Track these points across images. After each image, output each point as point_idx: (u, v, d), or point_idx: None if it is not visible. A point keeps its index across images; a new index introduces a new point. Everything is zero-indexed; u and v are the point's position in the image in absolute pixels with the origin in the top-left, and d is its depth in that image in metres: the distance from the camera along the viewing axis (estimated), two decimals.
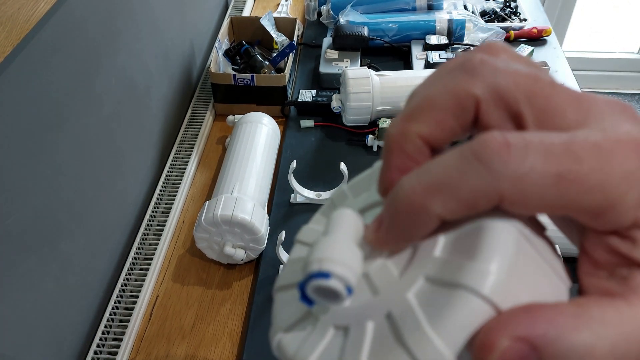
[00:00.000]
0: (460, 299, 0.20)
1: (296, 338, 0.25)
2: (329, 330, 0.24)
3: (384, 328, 0.22)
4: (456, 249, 0.22)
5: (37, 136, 0.61)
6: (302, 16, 1.45)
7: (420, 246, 0.23)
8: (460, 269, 0.21)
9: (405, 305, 0.22)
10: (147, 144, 0.95)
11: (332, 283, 0.22)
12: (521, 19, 1.33)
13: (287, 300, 0.28)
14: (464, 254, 0.21)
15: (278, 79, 1.06)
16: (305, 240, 0.30)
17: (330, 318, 0.24)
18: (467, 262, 0.21)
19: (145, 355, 0.73)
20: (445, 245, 0.22)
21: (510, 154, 0.18)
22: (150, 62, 0.94)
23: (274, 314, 0.28)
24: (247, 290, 0.81)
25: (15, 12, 0.55)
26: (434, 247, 0.23)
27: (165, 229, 0.88)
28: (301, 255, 0.30)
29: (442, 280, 0.21)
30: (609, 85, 2.46)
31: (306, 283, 0.22)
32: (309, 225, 0.31)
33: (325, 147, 1.03)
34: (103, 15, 0.76)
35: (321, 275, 0.22)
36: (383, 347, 0.22)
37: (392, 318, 0.22)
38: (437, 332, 0.20)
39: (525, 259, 0.21)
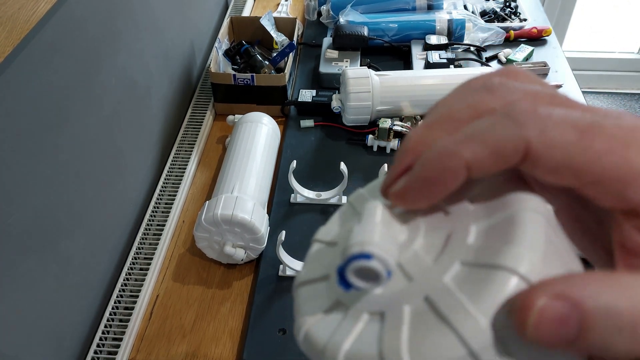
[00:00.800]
0: (500, 278, 0.21)
1: (327, 326, 0.26)
2: (362, 317, 0.25)
3: (423, 310, 0.23)
4: (489, 237, 0.24)
5: (38, 136, 0.62)
6: (302, 16, 1.45)
7: (451, 237, 0.25)
8: (498, 253, 0.22)
9: (443, 288, 0.23)
10: (147, 144, 0.95)
11: (374, 264, 0.23)
12: (521, 19, 1.33)
13: (310, 295, 0.28)
14: (499, 240, 0.23)
15: (278, 78, 1.06)
16: (324, 239, 0.31)
17: (362, 305, 0.25)
18: (504, 246, 0.22)
19: (145, 355, 0.73)
20: (478, 235, 0.24)
21: (537, 110, 0.20)
22: (150, 62, 0.94)
23: (297, 308, 0.28)
24: (247, 290, 0.81)
25: (15, 12, 0.55)
26: (467, 236, 0.24)
27: (166, 228, 0.88)
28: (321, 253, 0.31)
29: (480, 263, 0.23)
30: (609, 85, 2.46)
31: (346, 266, 0.23)
32: (326, 226, 0.32)
33: (325, 147, 1.03)
34: (103, 15, 0.76)
35: (363, 256, 0.23)
36: (424, 327, 0.22)
37: (430, 301, 0.23)
38: (479, 310, 0.21)
39: (552, 246, 0.23)
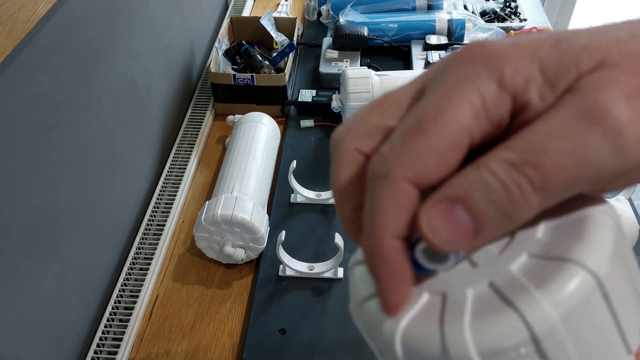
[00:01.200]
0: (569, 270, 0.22)
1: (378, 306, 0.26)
2: (422, 296, 0.25)
3: (487, 294, 0.23)
4: (560, 233, 0.24)
5: (37, 136, 0.62)
6: (302, 16, 1.45)
7: (518, 232, 0.25)
8: (568, 246, 0.23)
9: (509, 276, 0.23)
10: (147, 144, 0.95)
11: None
12: (521, 19, 1.33)
13: (367, 274, 0.28)
14: (569, 236, 0.24)
15: (278, 78, 1.06)
16: None
17: (423, 286, 0.25)
18: (574, 241, 0.23)
19: (145, 355, 0.73)
20: (547, 230, 0.24)
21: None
22: (150, 62, 0.94)
23: (352, 287, 0.29)
24: (247, 290, 0.81)
25: (15, 12, 0.55)
26: (536, 231, 0.25)
27: (165, 228, 0.88)
28: None
29: (548, 256, 0.23)
30: None
31: (416, 245, 0.24)
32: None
33: (325, 147, 1.03)
34: (103, 15, 0.76)
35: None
36: (488, 309, 0.23)
37: (495, 286, 0.23)
38: (545, 297, 0.22)
39: (620, 247, 0.24)
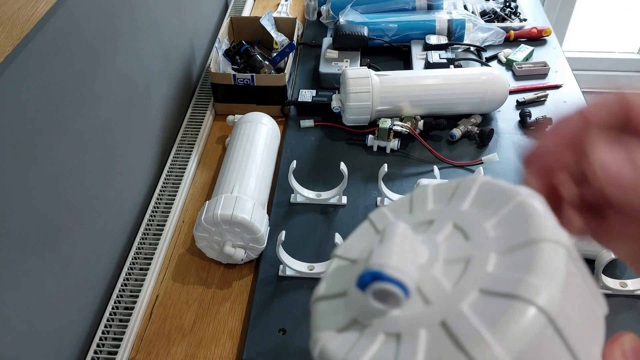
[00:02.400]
0: (518, 309, 0.22)
1: (343, 343, 0.27)
2: (378, 337, 0.25)
3: (439, 335, 0.23)
4: (509, 265, 0.24)
5: (38, 136, 0.62)
6: (302, 16, 1.45)
7: (470, 263, 0.25)
8: (517, 283, 0.23)
9: (461, 315, 0.23)
10: (147, 144, 0.95)
11: (391, 287, 0.24)
12: (521, 19, 1.33)
13: (328, 310, 0.29)
14: (519, 270, 0.23)
15: (278, 78, 1.06)
16: (345, 256, 0.32)
17: (379, 325, 0.26)
18: (524, 276, 0.23)
19: (145, 355, 0.73)
20: (498, 262, 0.24)
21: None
22: (150, 62, 0.94)
23: (313, 323, 0.29)
24: (247, 290, 0.81)
25: (15, 12, 0.55)
26: (486, 264, 0.24)
27: (165, 228, 0.88)
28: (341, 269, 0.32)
29: (498, 292, 0.23)
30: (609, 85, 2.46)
31: (365, 287, 0.24)
32: (346, 242, 0.33)
33: (325, 147, 1.03)
34: (103, 15, 0.76)
35: (381, 278, 0.24)
36: (439, 352, 0.23)
37: (447, 326, 0.23)
38: (496, 339, 0.22)
39: (572, 279, 0.23)
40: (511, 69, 1.21)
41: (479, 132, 1.02)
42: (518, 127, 1.06)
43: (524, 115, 1.07)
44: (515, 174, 0.96)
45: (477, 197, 0.28)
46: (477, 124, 1.05)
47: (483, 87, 1.01)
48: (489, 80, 1.02)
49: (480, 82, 1.01)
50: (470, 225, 0.27)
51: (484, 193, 0.28)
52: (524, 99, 1.12)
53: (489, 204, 0.27)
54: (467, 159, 0.99)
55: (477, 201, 0.28)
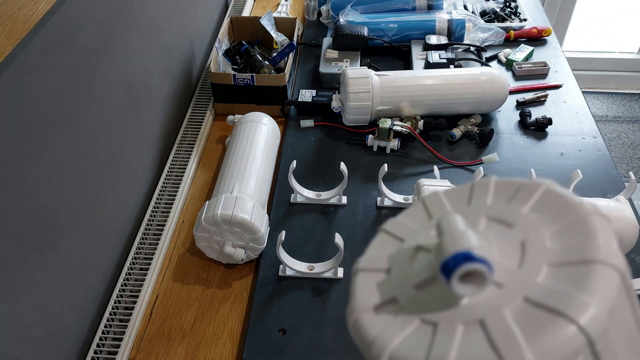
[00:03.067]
0: (559, 326, 0.22)
1: (378, 321, 0.27)
2: (414, 322, 0.26)
3: (475, 333, 0.24)
4: (560, 278, 0.24)
5: (37, 136, 0.62)
6: (302, 16, 1.45)
7: (521, 269, 0.25)
8: (564, 298, 0.23)
9: (501, 318, 0.24)
10: (147, 144, 0.95)
11: (481, 267, 0.24)
12: (521, 19, 1.33)
13: (368, 282, 0.29)
14: (568, 285, 0.23)
15: (278, 78, 1.06)
16: (394, 233, 0.32)
17: (418, 311, 0.26)
18: (571, 292, 0.23)
19: (145, 355, 0.74)
20: (549, 274, 0.24)
21: None
22: (150, 62, 0.94)
23: (353, 291, 0.29)
24: (247, 290, 0.81)
25: (15, 12, 0.55)
26: (537, 274, 0.25)
27: (165, 228, 0.88)
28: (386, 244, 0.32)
29: (543, 305, 0.23)
30: (609, 85, 2.46)
31: (454, 270, 0.24)
32: (397, 219, 0.33)
33: (325, 147, 1.03)
34: (103, 15, 0.76)
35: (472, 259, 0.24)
36: (473, 349, 0.23)
37: (485, 326, 0.24)
38: (531, 348, 0.22)
39: (621, 306, 0.23)
40: (511, 69, 1.21)
41: (479, 132, 1.02)
42: (518, 127, 1.06)
43: (524, 115, 1.07)
44: (515, 173, 0.96)
45: (539, 202, 0.28)
46: (477, 124, 1.05)
47: (483, 87, 1.01)
48: (488, 80, 1.02)
49: (480, 82, 1.01)
50: (529, 231, 0.27)
51: (546, 200, 0.28)
52: (524, 99, 1.12)
53: (551, 212, 0.27)
54: (467, 159, 0.99)
55: (539, 206, 0.28)
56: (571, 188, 0.85)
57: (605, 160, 0.98)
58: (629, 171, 1.88)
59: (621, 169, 2.07)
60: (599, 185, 0.93)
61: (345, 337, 0.73)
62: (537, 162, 0.98)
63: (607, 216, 0.26)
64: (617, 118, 2.30)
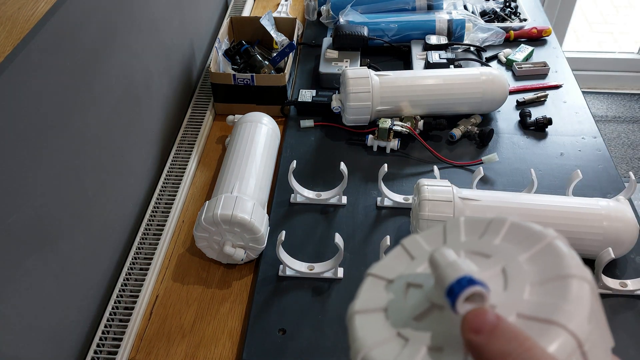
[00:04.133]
0: (553, 333, 0.25)
1: (387, 353, 0.29)
2: (421, 350, 0.28)
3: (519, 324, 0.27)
4: (543, 294, 0.28)
5: (38, 136, 0.62)
6: (302, 16, 1.45)
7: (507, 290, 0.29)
8: (552, 309, 0.26)
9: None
10: (147, 144, 0.95)
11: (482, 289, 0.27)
12: (521, 19, 1.33)
13: (367, 323, 0.32)
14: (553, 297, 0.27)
15: (278, 78, 1.06)
16: (382, 275, 0.35)
17: (422, 339, 0.29)
18: (557, 302, 0.26)
19: (145, 355, 0.74)
20: (532, 292, 0.28)
21: None
22: (150, 62, 0.94)
23: (353, 335, 0.32)
24: (246, 290, 0.81)
25: (15, 12, 0.55)
26: (523, 292, 0.28)
27: (165, 228, 0.88)
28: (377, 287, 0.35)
29: (535, 317, 0.27)
30: (609, 85, 2.46)
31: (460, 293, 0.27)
32: (381, 263, 0.36)
33: (325, 147, 1.03)
34: (103, 15, 0.76)
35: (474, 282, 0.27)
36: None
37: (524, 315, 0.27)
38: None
39: (594, 310, 0.27)
40: (511, 69, 1.21)
41: (479, 132, 1.02)
42: (518, 127, 1.06)
43: (524, 115, 1.07)
44: (514, 173, 0.96)
45: (508, 234, 0.32)
46: (477, 124, 1.05)
47: (483, 87, 1.01)
48: (488, 80, 1.02)
49: (480, 82, 1.01)
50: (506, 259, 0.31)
51: (514, 231, 0.32)
52: (524, 99, 1.12)
53: (520, 241, 0.31)
54: (467, 159, 0.99)
55: (508, 238, 0.32)
56: (571, 188, 0.85)
57: (605, 160, 0.98)
58: (629, 171, 1.88)
59: (621, 169, 2.07)
60: (599, 185, 0.93)
61: (345, 337, 0.73)
62: (537, 162, 0.98)
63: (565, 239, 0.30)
64: (617, 118, 2.30)
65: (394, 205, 0.91)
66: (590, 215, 0.76)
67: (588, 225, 0.75)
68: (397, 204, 0.90)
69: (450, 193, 0.77)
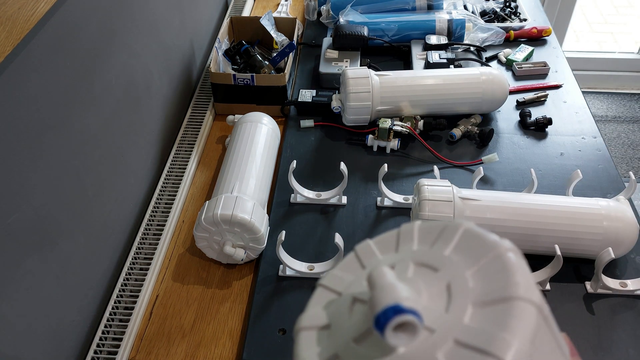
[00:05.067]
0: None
1: None
2: None
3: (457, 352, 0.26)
4: (484, 317, 0.27)
5: (38, 136, 0.62)
6: (302, 16, 1.45)
7: (448, 311, 0.28)
8: (490, 338, 0.25)
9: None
10: (147, 144, 0.95)
11: (411, 318, 0.26)
12: (521, 19, 1.33)
13: (311, 341, 0.31)
14: (493, 325, 0.26)
15: (278, 78, 1.06)
16: (331, 287, 0.34)
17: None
18: (497, 332, 0.25)
19: (145, 355, 0.74)
20: (474, 314, 0.27)
21: None
22: (150, 62, 0.94)
23: (296, 353, 0.31)
24: (246, 290, 0.81)
25: (15, 12, 0.55)
26: (463, 315, 0.27)
27: (165, 228, 0.88)
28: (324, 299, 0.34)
29: (472, 346, 0.26)
30: (609, 85, 2.46)
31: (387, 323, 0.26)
32: (332, 272, 0.35)
33: (325, 147, 1.03)
34: (103, 15, 0.76)
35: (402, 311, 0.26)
36: None
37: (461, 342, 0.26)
38: None
39: (541, 335, 0.26)
40: (511, 69, 1.21)
41: (479, 132, 1.02)
42: (518, 127, 1.06)
43: (524, 115, 1.07)
44: (514, 173, 0.96)
45: (459, 243, 0.31)
46: (477, 124, 1.05)
47: (483, 87, 1.01)
48: (488, 80, 1.02)
49: (480, 82, 1.01)
50: (452, 274, 0.29)
51: (466, 240, 0.31)
52: (524, 99, 1.12)
53: (470, 252, 0.30)
54: (467, 159, 0.99)
55: (459, 248, 0.31)
56: (571, 188, 0.85)
57: (605, 160, 0.98)
58: (629, 171, 1.88)
59: (621, 169, 2.07)
60: (599, 185, 0.93)
61: None
62: (537, 162, 0.98)
63: (519, 251, 0.29)
64: (617, 118, 2.30)
65: (394, 205, 0.91)
66: (590, 215, 0.76)
67: (588, 225, 0.75)
68: (397, 204, 0.90)
69: (450, 193, 0.77)
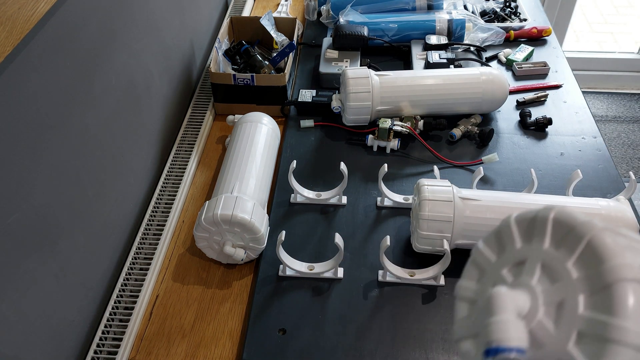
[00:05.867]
0: (613, 351, 0.27)
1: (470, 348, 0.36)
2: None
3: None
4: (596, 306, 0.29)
5: (38, 136, 0.62)
6: (302, 16, 1.45)
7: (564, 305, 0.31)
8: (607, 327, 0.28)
9: (569, 356, 0.30)
10: (147, 144, 0.95)
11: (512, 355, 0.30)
12: (521, 19, 1.33)
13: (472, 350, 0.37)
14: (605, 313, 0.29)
15: (278, 78, 1.06)
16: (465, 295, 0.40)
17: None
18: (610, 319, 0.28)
19: (145, 355, 0.74)
20: (586, 304, 0.30)
21: None
22: (150, 62, 0.94)
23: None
24: (246, 290, 0.81)
25: (15, 12, 0.55)
26: (577, 306, 0.30)
27: (165, 228, 0.88)
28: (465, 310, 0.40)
29: (594, 335, 0.29)
30: (609, 85, 2.46)
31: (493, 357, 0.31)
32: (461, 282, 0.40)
33: (325, 147, 1.03)
34: (103, 15, 0.76)
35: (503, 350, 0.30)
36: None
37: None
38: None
39: None
40: (511, 69, 1.21)
41: (479, 132, 1.02)
42: (518, 127, 1.06)
43: (524, 115, 1.07)
44: (515, 173, 0.96)
45: (553, 234, 0.34)
46: (477, 124, 1.05)
47: (483, 87, 1.01)
48: (488, 80, 1.02)
49: (480, 82, 1.01)
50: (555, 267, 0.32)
51: (558, 228, 0.33)
52: (524, 99, 1.12)
53: (565, 240, 0.32)
54: (467, 159, 0.99)
55: (554, 237, 0.33)
56: (571, 188, 0.85)
57: (605, 160, 0.98)
58: (629, 171, 1.88)
59: (621, 169, 2.07)
60: (599, 185, 0.93)
61: (345, 337, 0.73)
62: (537, 162, 0.98)
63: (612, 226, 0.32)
64: (617, 118, 2.30)
65: (394, 205, 0.91)
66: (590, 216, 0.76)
67: None
68: (397, 204, 0.90)
69: (450, 193, 0.77)
